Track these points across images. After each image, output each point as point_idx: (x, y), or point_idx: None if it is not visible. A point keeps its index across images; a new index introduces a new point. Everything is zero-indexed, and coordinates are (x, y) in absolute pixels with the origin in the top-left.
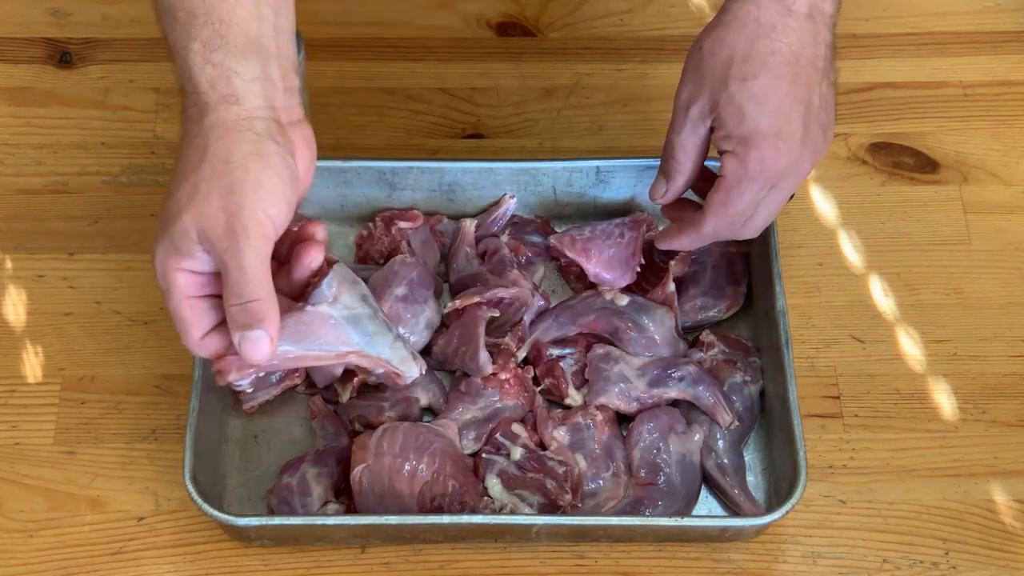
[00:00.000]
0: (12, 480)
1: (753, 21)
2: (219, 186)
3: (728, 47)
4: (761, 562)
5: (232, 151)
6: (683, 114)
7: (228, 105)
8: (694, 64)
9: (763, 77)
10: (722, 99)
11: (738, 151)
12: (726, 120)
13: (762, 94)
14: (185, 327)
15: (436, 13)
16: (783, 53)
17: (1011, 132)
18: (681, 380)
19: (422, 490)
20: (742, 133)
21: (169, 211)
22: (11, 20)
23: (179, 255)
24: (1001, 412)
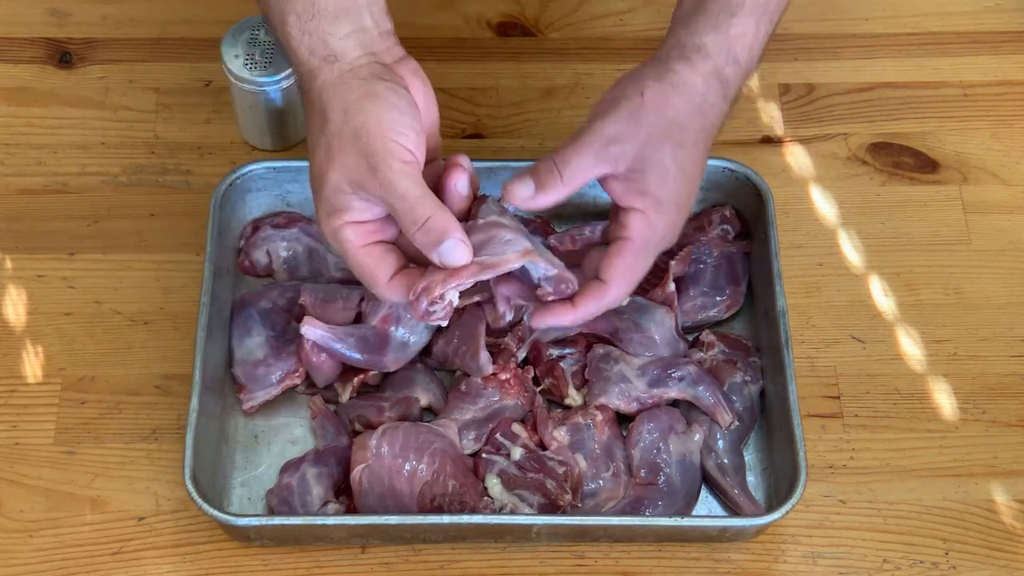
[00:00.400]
0: (12, 480)
1: (700, 94)
2: (347, 135)
3: (673, 109)
4: (761, 562)
5: (347, 102)
6: (599, 144)
7: (330, 65)
8: (631, 107)
9: (692, 151)
10: (652, 158)
11: (650, 213)
12: (649, 178)
13: (688, 166)
14: (370, 274)
15: (436, 13)
16: (709, 133)
17: (1011, 132)
18: (681, 380)
19: (422, 490)
20: (660, 196)
21: (315, 178)
22: (11, 20)
23: (340, 211)
24: (1001, 412)
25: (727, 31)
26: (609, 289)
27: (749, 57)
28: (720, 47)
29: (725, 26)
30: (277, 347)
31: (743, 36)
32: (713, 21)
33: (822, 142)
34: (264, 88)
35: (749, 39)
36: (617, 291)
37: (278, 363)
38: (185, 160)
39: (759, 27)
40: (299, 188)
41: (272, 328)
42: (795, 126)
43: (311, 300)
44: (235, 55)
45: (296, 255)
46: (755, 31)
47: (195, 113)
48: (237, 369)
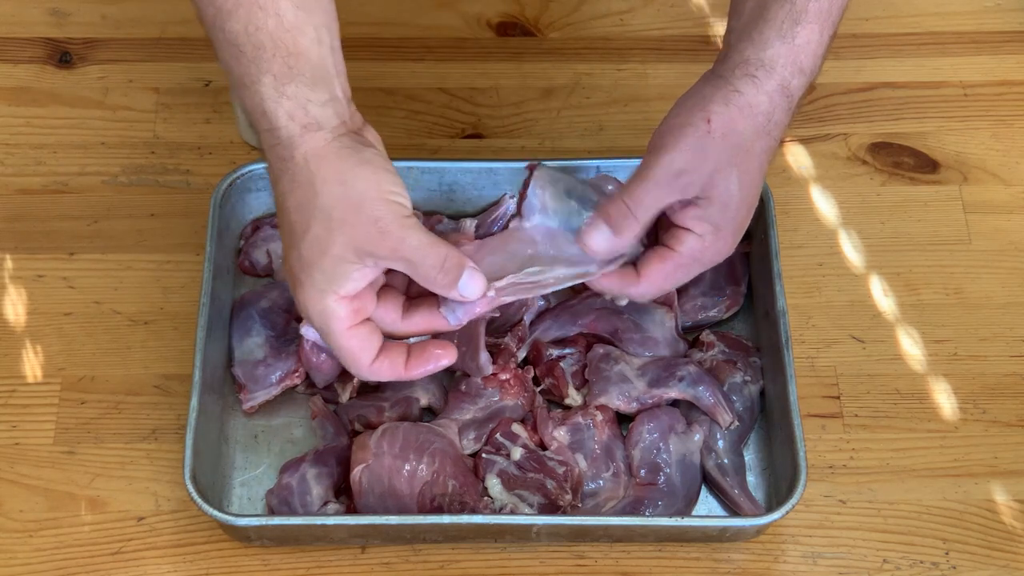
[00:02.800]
0: (12, 480)
1: (765, 114)
2: (350, 204)
3: (739, 135)
4: (761, 562)
5: (342, 171)
6: (670, 177)
7: (312, 133)
8: (698, 136)
9: (755, 174)
10: (720, 185)
11: (707, 236)
12: (714, 206)
13: (750, 189)
14: (356, 356)
15: (436, 13)
16: (772, 150)
17: (1011, 132)
18: (681, 380)
19: (422, 490)
20: (720, 223)
21: (310, 251)
22: (11, 20)
23: (336, 284)
24: (1001, 412)
25: (792, 40)
26: (640, 285)
27: (814, 65)
28: (787, 59)
29: (791, 35)
30: (277, 347)
31: (808, 44)
32: (777, 30)
33: (822, 142)
34: None
35: (814, 46)
36: (647, 289)
37: (278, 363)
38: (185, 160)
39: (823, 32)
40: None
41: (272, 328)
42: (795, 126)
43: None
44: None
45: None
46: (819, 37)
47: (195, 113)
48: (237, 369)
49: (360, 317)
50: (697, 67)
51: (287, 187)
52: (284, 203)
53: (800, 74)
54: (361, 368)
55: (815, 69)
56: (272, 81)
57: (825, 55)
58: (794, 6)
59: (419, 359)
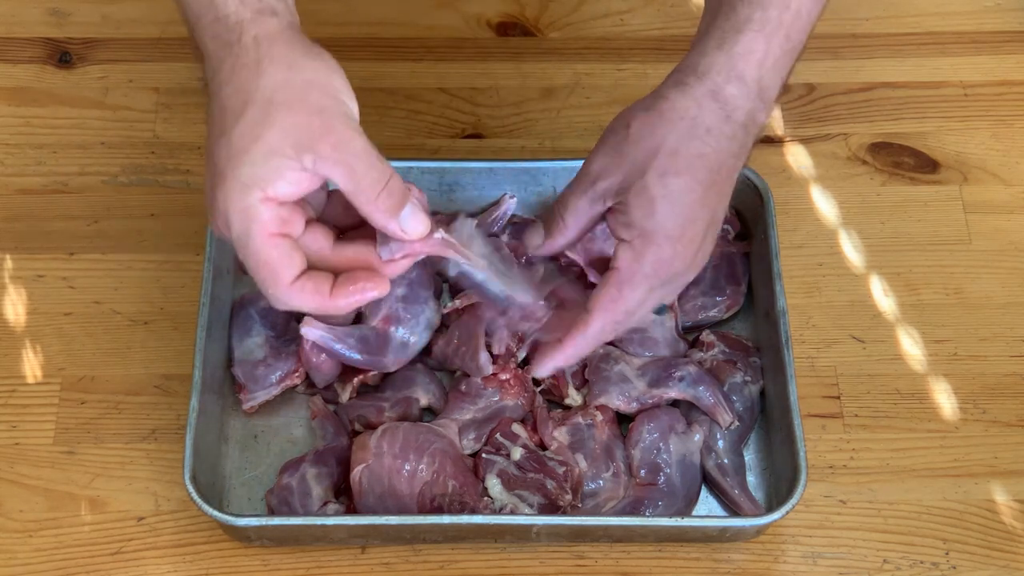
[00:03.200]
0: (12, 480)
1: (691, 119)
2: (295, 90)
3: (658, 138)
4: (761, 562)
5: (292, 57)
6: (588, 182)
7: (265, 17)
8: (616, 141)
9: (684, 177)
10: (635, 187)
11: (636, 244)
12: (633, 209)
13: (678, 194)
14: (275, 270)
15: (436, 13)
16: (709, 159)
17: (1011, 132)
18: (681, 380)
19: (422, 490)
20: (646, 227)
21: (240, 139)
22: (11, 20)
23: (263, 182)
24: (1001, 412)
25: (731, 49)
26: (590, 320)
27: (759, 75)
28: (721, 66)
29: (729, 43)
30: (277, 347)
31: (750, 53)
32: (717, 40)
33: (822, 142)
34: None
35: (758, 56)
36: (599, 323)
37: (278, 363)
38: (185, 160)
39: (770, 42)
40: None
41: (272, 328)
42: (795, 126)
43: None
44: None
45: None
46: (766, 47)
47: (195, 113)
48: (237, 369)
49: (284, 228)
50: None
51: (227, 73)
52: (220, 90)
53: (738, 81)
54: (280, 285)
55: (763, 80)
56: None
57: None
58: (737, 16)
59: (345, 287)
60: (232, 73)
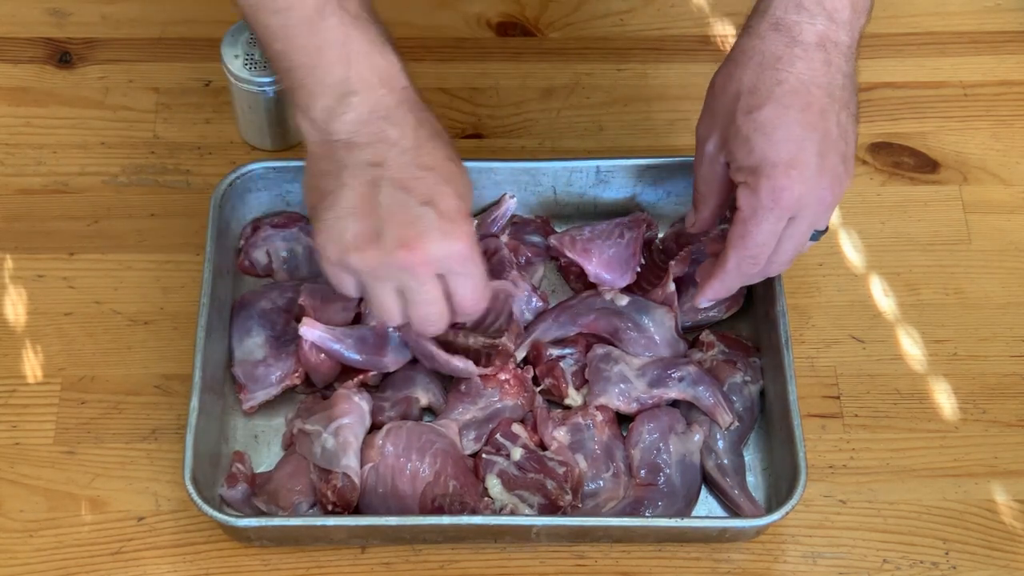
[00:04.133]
0: (12, 480)
1: (758, 54)
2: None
3: (735, 81)
4: (761, 562)
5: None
6: (701, 148)
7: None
8: (709, 99)
9: (768, 107)
10: (730, 133)
11: (750, 181)
12: (736, 153)
13: (768, 124)
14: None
15: (436, 13)
16: (790, 83)
17: (1011, 132)
18: (681, 380)
19: (424, 490)
20: (751, 164)
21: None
22: (11, 20)
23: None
24: (1001, 412)
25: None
26: (725, 258)
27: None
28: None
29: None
30: (277, 347)
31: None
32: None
33: None
34: (264, 88)
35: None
36: (734, 259)
37: (278, 363)
38: (185, 160)
39: None
40: (299, 188)
41: (272, 328)
42: None
43: (311, 301)
44: (235, 55)
45: (296, 255)
46: None
47: (195, 113)
48: (237, 369)
49: None
50: (697, 67)
51: (415, 123)
52: (423, 136)
53: (797, 9)
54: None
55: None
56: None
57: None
58: None
59: None
60: (421, 124)
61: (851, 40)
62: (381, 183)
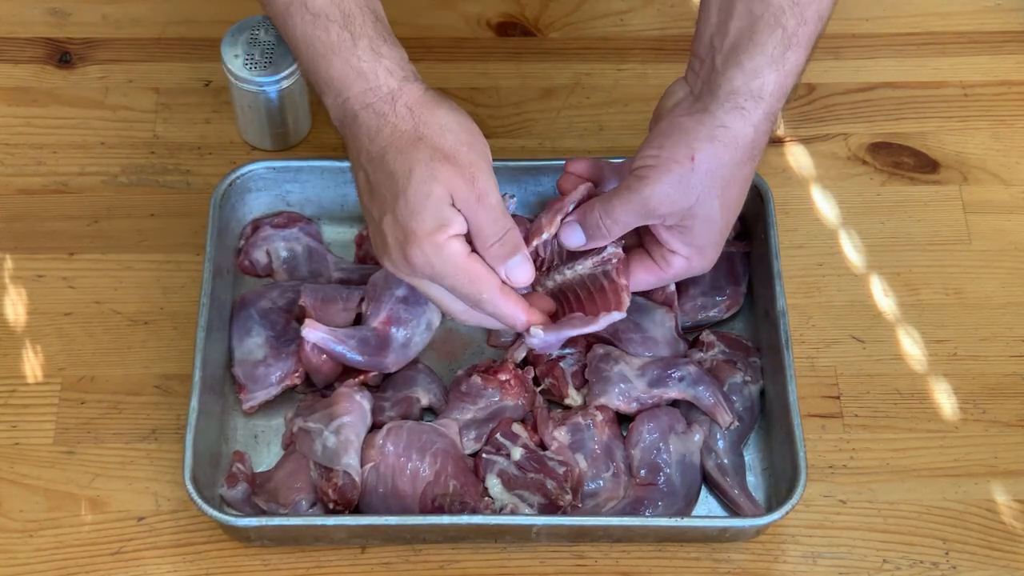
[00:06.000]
0: (12, 480)
1: (751, 142)
2: (448, 149)
3: (724, 167)
4: (761, 562)
5: (440, 117)
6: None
7: (410, 84)
8: (682, 173)
9: (738, 192)
10: (701, 213)
11: (693, 259)
12: (697, 230)
13: (732, 207)
14: (486, 282)
15: (436, 13)
16: (754, 167)
17: (1011, 132)
18: (681, 380)
19: (424, 490)
20: (703, 243)
21: (412, 200)
22: (11, 20)
23: (445, 225)
24: (1001, 412)
25: (783, 67)
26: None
27: (796, 83)
28: (775, 85)
29: (781, 61)
30: (277, 347)
31: (795, 67)
32: (769, 57)
33: (822, 142)
34: (264, 88)
35: (799, 68)
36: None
37: (278, 363)
38: (185, 160)
39: (807, 53)
40: (299, 188)
41: (272, 328)
42: (795, 126)
43: (311, 301)
44: (235, 55)
45: (296, 255)
46: (804, 59)
47: (195, 113)
48: (237, 369)
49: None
50: None
51: (387, 139)
52: (384, 156)
53: (784, 97)
54: (494, 290)
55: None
56: (368, 44)
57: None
58: (785, 32)
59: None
60: (392, 138)
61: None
62: (359, 186)
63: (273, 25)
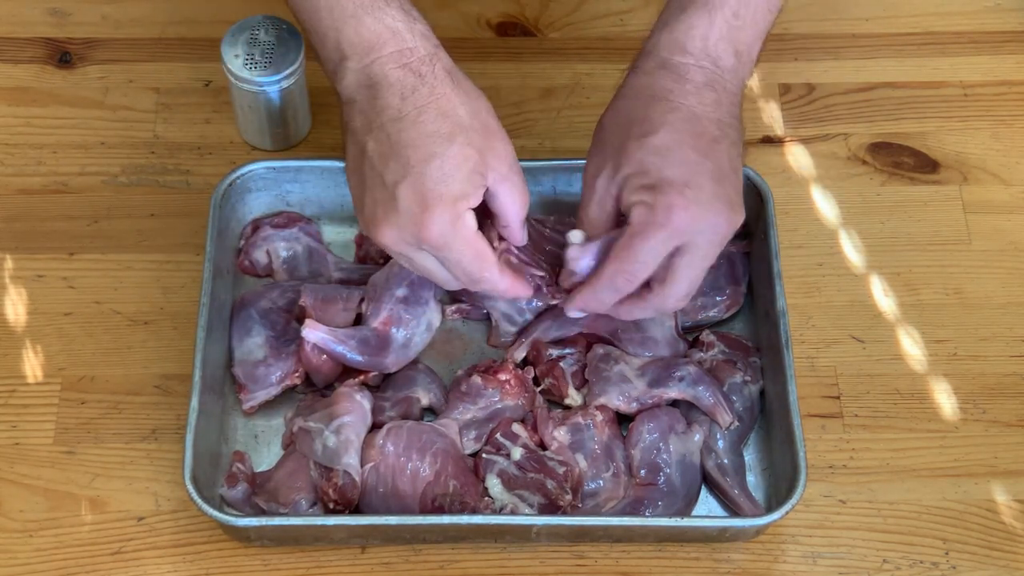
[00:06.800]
0: (12, 480)
1: (647, 88)
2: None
3: (625, 113)
4: (761, 562)
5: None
6: (591, 187)
7: (442, 51)
8: (597, 137)
9: (662, 132)
10: (623, 160)
11: (646, 199)
12: (630, 177)
13: (663, 147)
14: (486, 256)
15: (436, 13)
16: (682, 111)
17: (1011, 132)
18: (681, 380)
19: (424, 490)
20: (647, 183)
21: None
22: (11, 20)
23: (469, 195)
24: (1001, 412)
25: (674, 27)
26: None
27: (703, 46)
28: (664, 43)
29: (672, 23)
30: (277, 347)
31: (691, 29)
32: (662, 22)
33: (822, 142)
34: (264, 88)
35: (700, 30)
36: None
37: (278, 363)
38: (185, 160)
39: (713, 17)
40: (299, 188)
41: (272, 328)
42: (795, 126)
43: (311, 301)
44: (235, 55)
45: (296, 255)
46: (708, 22)
47: (195, 113)
48: (237, 369)
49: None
50: None
51: (425, 99)
52: (420, 115)
53: (682, 53)
54: (493, 267)
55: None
56: (399, 5)
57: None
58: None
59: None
60: (431, 99)
61: (736, 88)
62: (366, 153)
63: (273, 25)
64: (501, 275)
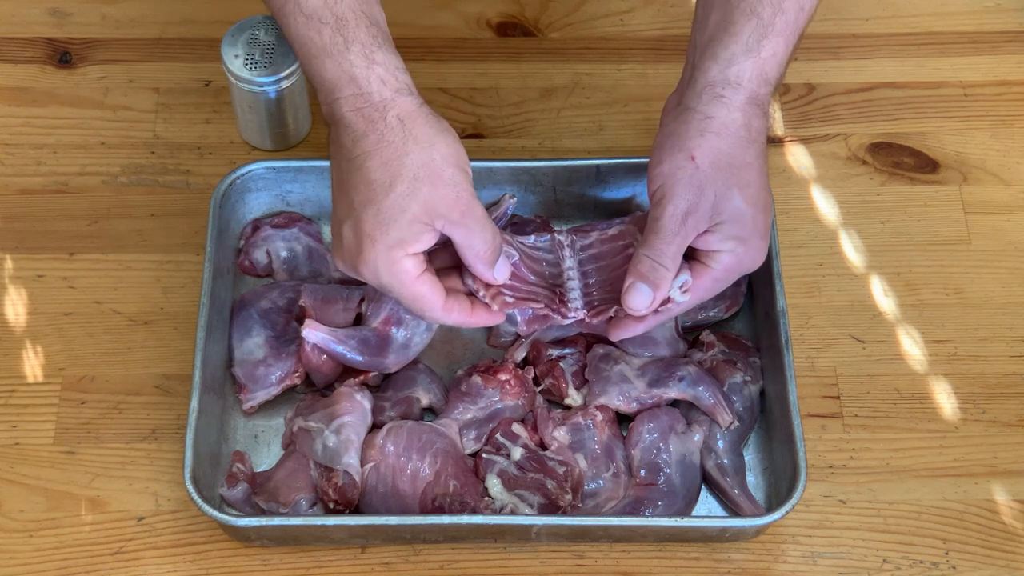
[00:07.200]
0: (12, 480)
1: (743, 127)
2: (436, 166)
3: (725, 156)
4: (761, 562)
5: (430, 136)
6: (678, 224)
7: (404, 96)
8: (689, 174)
9: (757, 179)
10: (726, 206)
11: (738, 251)
12: (730, 227)
13: (758, 196)
14: (430, 301)
15: (436, 13)
16: (761, 151)
17: (1011, 132)
18: (681, 380)
19: (424, 490)
20: (740, 234)
21: (390, 211)
22: (11, 20)
23: (408, 243)
24: (1001, 412)
25: (759, 54)
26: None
27: (779, 73)
28: (752, 73)
29: (756, 49)
30: (277, 347)
31: (774, 56)
32: (743, 46)
33: (822, 142)
34: (264, 88)
35: (780, 57)
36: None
37: (278, 363)
38: (185, 160)
39: (788, 43)
40: (299, 188)
41: (272, 328)
42: (795, 126)
43: (311, 301)
44: (235, 55)
45: (296, 255)
46: (785, 48)
47: (195, 113)
48: (237, 369)
49: (422, 268)
50: None
51: (372, 146)
52: (365, 162)
53: (766, 84)
54: (436, 310)
55: (781, 76)
56: (361, 49)
57: (790, 60)
58: (761, 21)
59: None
60: (378, 147)
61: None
62: (332, 183)
63: (273, 25)
64: (447, 314)
